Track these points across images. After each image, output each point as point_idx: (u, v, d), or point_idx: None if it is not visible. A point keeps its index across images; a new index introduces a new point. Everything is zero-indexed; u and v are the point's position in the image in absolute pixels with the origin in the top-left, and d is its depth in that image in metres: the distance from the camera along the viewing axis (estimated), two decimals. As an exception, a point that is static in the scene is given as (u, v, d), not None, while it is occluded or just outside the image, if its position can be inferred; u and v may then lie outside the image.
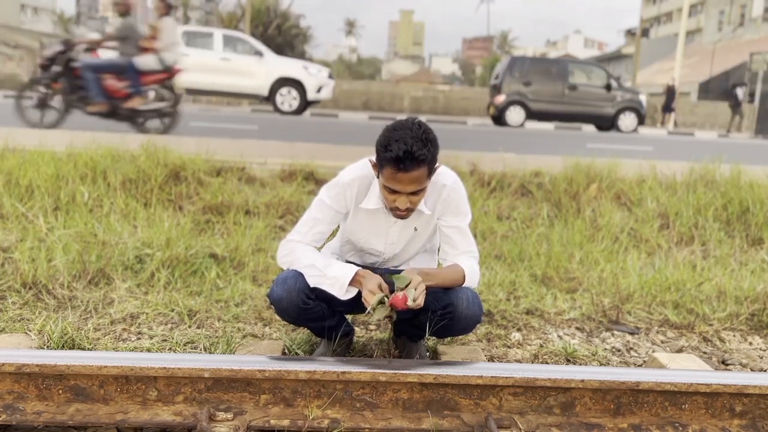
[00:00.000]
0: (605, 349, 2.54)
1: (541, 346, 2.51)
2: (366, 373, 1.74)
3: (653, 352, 2.50)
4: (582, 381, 1.77)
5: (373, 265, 2.12)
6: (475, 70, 78.49)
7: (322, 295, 1.94)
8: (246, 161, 5.03)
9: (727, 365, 2.48)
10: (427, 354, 2.26)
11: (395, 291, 1.78)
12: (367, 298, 1.79)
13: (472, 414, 1.77)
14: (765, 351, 2.64)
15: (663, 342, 2.66)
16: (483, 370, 1.80)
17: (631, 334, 2.71)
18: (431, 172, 1.82)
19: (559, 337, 2.62)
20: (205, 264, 3.07)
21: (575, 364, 2.37)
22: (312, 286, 1.92)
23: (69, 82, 7.15)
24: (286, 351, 2.27)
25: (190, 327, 2.49)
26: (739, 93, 21.07)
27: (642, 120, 15.74)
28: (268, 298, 2.01)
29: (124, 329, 2.45)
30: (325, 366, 1.76)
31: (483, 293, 2.95)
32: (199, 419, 1.63)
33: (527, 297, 2.99)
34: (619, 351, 2.54)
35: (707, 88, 34.04)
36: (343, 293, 1.88)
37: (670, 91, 21.69)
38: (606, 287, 3.12)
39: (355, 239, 2.07)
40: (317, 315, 2.01)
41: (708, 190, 4.76)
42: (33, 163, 4.25)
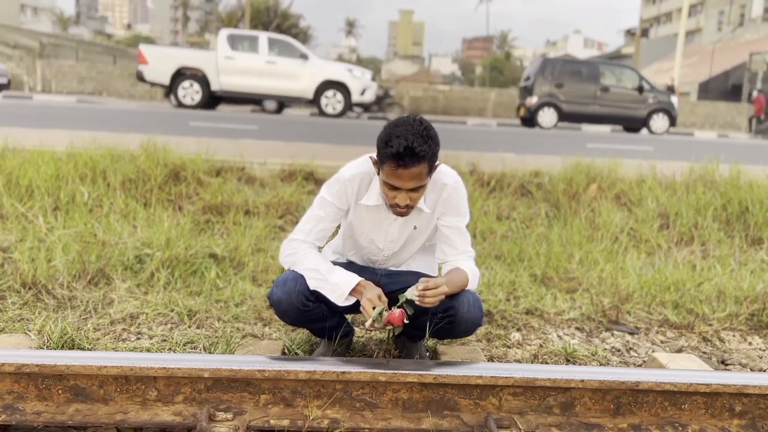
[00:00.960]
0: (605, 349, 2.54)
1: (541, 346, 2.51)
2: (366, 373, 1.74)
3: (653, 352, 2.50)
4: (582, 381, 1.77)
5: (374, 264, 2.12)
6: (475, 70, 78.43)
7: (321, 297, 1.94)
8: (246, 161, 5.04)
9: (727, 365, 2.47)
10: (427, 354, 2.26)
11: (396, 306, 1.79)
12: (366, 307, 1.80)
13: (471, 414, 1.77)
14: (764, 351, 2.64)
15: (663, 342, 2.66)
16: (483, 370, 1.80)
17: (631, 334, 2.71)
18: (432, 169, 1.82)
19: (559, 337, 2.62)
20: (205, 264, 3.07)
21: (575, 364, 2.37)
22: (312, 288, 1.92)
23: None
24: (285, 351, 2.27)
25: (189, 327, 2.49)
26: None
27: (674, 121, 15.52)
28: (268, 299, 2.02)
29: (123, 329, 2.44)
30: (325, 366, 1.76)
31: (483, 293, 2.95)
32: (199, 419, 1.63)
33: (527, 297, 2.99)
34: (619, 351, 2.54)
35: (707, 88, 34.07)
36: (342, 301, 1.88)
37: (669, 91, 21.67)
38: (606, 287, 3.11)
39: (356, 236, 2.08)
40: (317, 316, 2.01)
41: (708, 190, 4.76)
42: (33, 163, 4.25)
